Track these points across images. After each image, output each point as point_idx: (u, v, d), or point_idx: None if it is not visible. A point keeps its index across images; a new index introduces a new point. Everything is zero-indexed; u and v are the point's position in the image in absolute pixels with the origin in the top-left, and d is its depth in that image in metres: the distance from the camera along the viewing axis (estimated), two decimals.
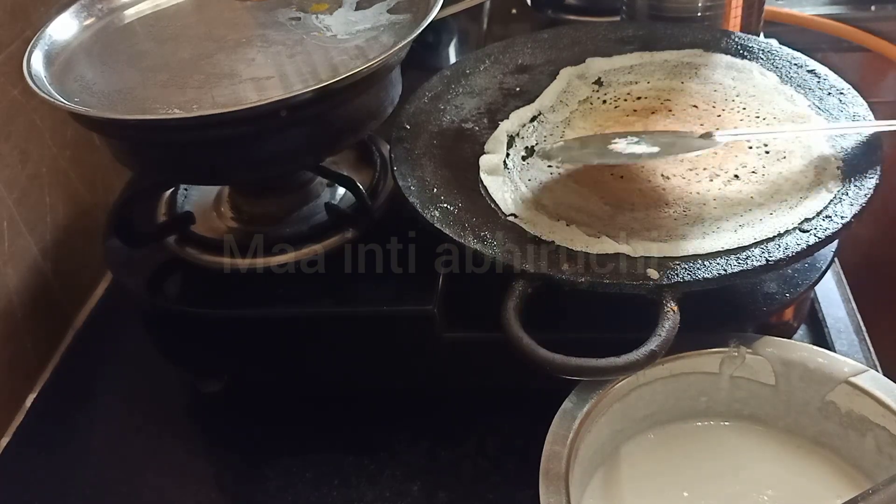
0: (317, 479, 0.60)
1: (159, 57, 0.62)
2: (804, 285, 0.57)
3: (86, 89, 0.58)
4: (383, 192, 0.65)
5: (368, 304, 0.58)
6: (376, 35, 0.61)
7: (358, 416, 0.64)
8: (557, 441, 0.48)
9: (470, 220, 0.55)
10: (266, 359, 0.63)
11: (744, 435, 0.54)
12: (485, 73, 0.70)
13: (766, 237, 0.52)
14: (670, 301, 0.49)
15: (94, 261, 0.75)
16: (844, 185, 0.54)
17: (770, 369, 0.52)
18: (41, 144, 0.74)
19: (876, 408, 0.49)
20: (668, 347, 0.47)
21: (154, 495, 0.61)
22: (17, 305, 0.71)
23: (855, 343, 0.63)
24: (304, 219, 0.64)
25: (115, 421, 0.67)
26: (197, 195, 0.68)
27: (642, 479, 0.52)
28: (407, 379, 0.62)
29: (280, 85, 0.56)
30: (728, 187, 0.57)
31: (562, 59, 0.71)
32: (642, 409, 0.53)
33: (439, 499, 0.57)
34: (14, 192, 0.71)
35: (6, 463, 0.65)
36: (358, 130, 0.60)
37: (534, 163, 0.62)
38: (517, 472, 0.58)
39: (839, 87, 0.63)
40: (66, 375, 0.72)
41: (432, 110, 0.66)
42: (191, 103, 0.55)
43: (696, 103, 0.65)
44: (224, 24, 0.65)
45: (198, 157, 0.56)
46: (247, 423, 0.65)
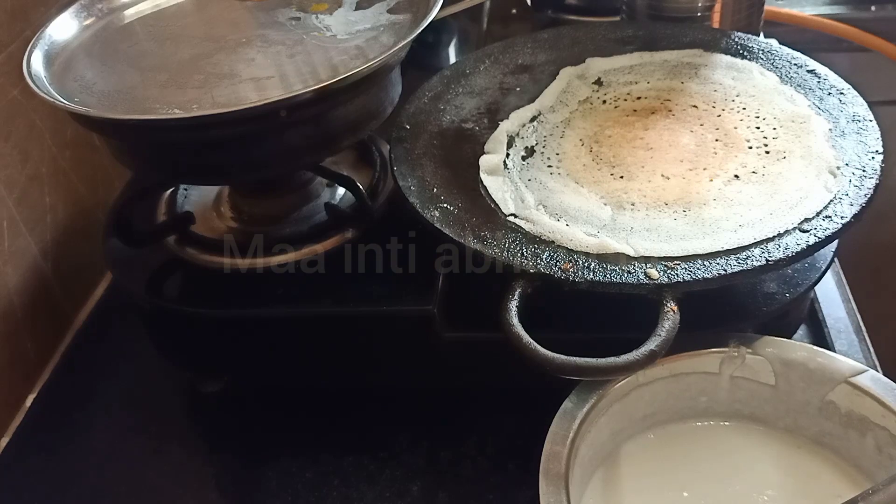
0: (317, 479, 0.60)
1: (159, 57, 0.62)
2: (804, 285, 0.57)
3: (86, 89, 0.58)
4: (383, 192, 0.65)
5: (368, 304, 0.58)
6: (376, 35, 0.61)
7: (358, 416, 0.64)
8: (557, 441, 0.48)
9: (470, 220, 0.55)
10: (266, 359, 0.63)
11: (744, 435, 0.54)
12: (485, 73, 0.70)
13: (766, 237, 0.52)
14: (670, 301, 0.49)
15: (94, 261, 0.75)
16: (844, 185, 0.54)
17: (770, 369, 0.52)
18: (41, 144, 0.74)
19: (876, 408, 0.49)
20: (668, 347, 0.47)
21: (154, 495, 0.61)
22: (17, 305, 0.71)
23: (855, 343, 0.63)
24: (304, 219, 0.64)
25: (115, 421, 0.67)
26: (197, 195, 0.68)
27: (642, 479, 0.52)
28: (407, 379, 0.62)
29: (280, 85, 0.56)
30: (728, 187, 0.57)
31: (562, 59, 0.71)
32: (642, 409, 0.53)
33: (439, 499, 0.57)
34: (14, 192, 0.71)
35: (6, 463, 0.65)
36: (358, 130, 0.60)
37: (534, 163, 0.62)
38: (517, 472, 0.58)
39: (839, 87, 0.63)
40: (66, 375, 0.72)
41: (432, 110, 0.66)
42: (191, 103, 0.55)
43: (696, 103, 0.65)
44: (224, 24, 0.65)
45: (198, 157, 0.56)
46: (247, 423, 0.65)
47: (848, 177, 0.55)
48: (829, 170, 0.56)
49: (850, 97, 0.62)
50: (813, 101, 0.62)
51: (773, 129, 0.61)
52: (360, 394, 0.65)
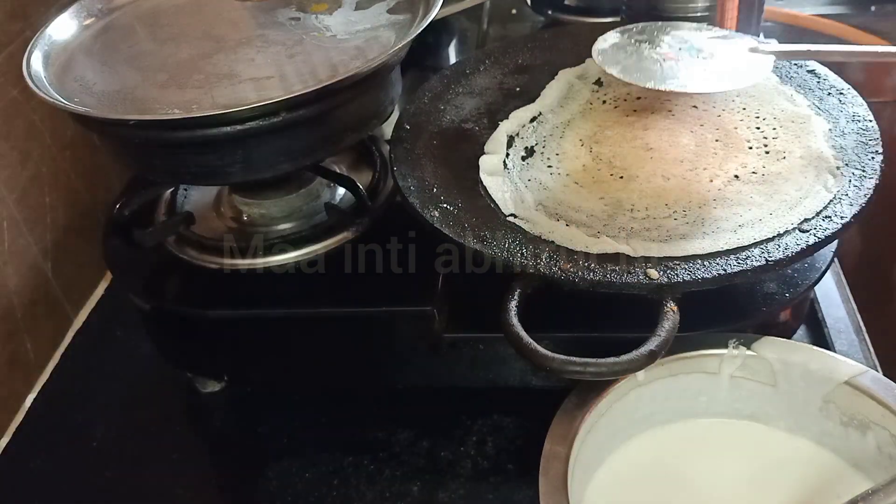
0: (317, 479, 0.60)
1: (159, 57, 0.62)
2: (804, 285, 0.57)
3: (85, 89, 0.58)
4: (383, 192, 0.65)
5: (368, 304, 0.58)
6: (376, 35, 0.61)
7: (358, 416, 0.64)
8: (557, 441, 0.48)
9: (470, 220, 0.55)
10: (266, 359, 0.63)
11: (744, 435, 0.54)
12: (485, 73, 0.70)
13: (766, 237, 0.52)
14: (670, 301, 0.49)
15: (94, 261, 0.75)
16: (844, 185, 0.54)
17: (770, 369, 0.52)
18: (41, 144, 0.74)
19: (876, 408, 0.49)
20: (668, 347, 0.47)
21: (154, 495, 0.61)
22: (17, 305, 0.71)
23: (855, 343, 0.63)
24: (304, 219, 0.64)
25: (115, 421, 0.67)
26: (197, 195, 0.68)
27: (642, 479, 0.52)
28: (407, 379, 0.62)
29: (280, 85, 0.56)
30: (728, 187, 0.57)
31: (562, 59, 0.71)
32: (642, 409, 0.53)
33: (439, 499, 0.57)
34: (14, 192, 0.71)
35: (6, 463, 0.65)
36: (358, 130, 0.60)
37: (533, 163, 0.62)
38: (517, 472, 0.58)
39: (839, 87, 0.63)
40: (66, 375, 0.72)
41: (432, 110, 0.66)
42: (191, 103, 0.55)
43: (696, 103, 0.64)
44: (224, 24, 0.65)
45: (198, 157, 0.56)
46: (247, 423, 0.65)
47: (848, 177, 0.55)
48: (829, 170, 0.56)
49: (850, 97, 0.62)
50: (813, 101, 0.62)
51: (773, 130, 0.61)
52: (360, 393, 0.65)
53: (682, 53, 0.57)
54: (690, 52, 0.57)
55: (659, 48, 0.58)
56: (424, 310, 0.57)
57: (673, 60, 0.56)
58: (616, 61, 0.57)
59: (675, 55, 0.57)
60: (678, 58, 0.57)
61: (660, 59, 0.57)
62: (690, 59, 0.57)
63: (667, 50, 0.58)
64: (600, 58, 0.57)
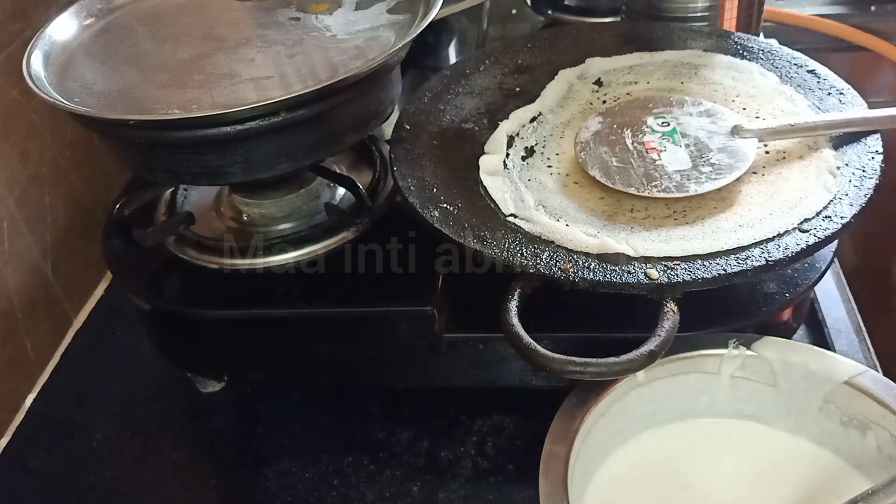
0: (317, 479, 0.60)
1: (159, 57, 0.62)
2: (804, 285, 0.57)
3: (85, 89, 0.58)
4: (383, 192, 0.65)
5: (368, 304, 0.58)
6: (376, 35, 0.61)
7: (358, 416, 0.64)
8: (557, 441, 0.48)
9: (470, 220, 0.55)
10: (266, 359, 0.63)
11: (744, 435, 0.54)
12: (485, 73, 0.70)
13: (766, 237, 0.52)
14: (670, 301, 0.49)
15: (94, 261, 0.75)
16: (844, 185, 0.54)
17: (770, 369, 0.52)
18: (41, 144, 0.74)
19: (876, 408, 0.49)
20: (667, 347, 0.47)
21: (154, 495, 0.61)
22: (17, 305, 0.71)
23: (855, 343, 0.63)
24: (304, 219, 0.64)
25: (115, 421, 0.67)
26: (197, 195, 0.68)
27: (642, 479, 0.52)
28: (407, 379, 0.62)
29: (280, 85, 0.56)
30: (728, 187, 0.57)
31: (561, 59, 0.71)
32: (642, 409, 0.53)
33: (439, 499, 0.57)
34: (14, 192, 0.71)
35: (6, 463, 0.65)
36: (358, 130, 0.60)
37: (533, 163, 0.62)
38: (517, 472, 0.58)
39: (839, 87, 0.63)
40: (66, 375, 0.72)
41: (432, 110, 0.66)
42: (191, 103, 0.55)
43: None
44: (224, 24, 0.65)
45: (198, 157, 0.56)
46: (247, 423, 0.65)
47: (848, 177, 0.55)
48: (829, 170, 0.56)
49: (850, 97, 0.62)
50: (813, 102, 0.62)
51: None
52: (360, 393, 0.65)
53: (664, 142, 0.58)
54: (674, 140, 0.58)
55: (641, 135, 0.59)
56: (424, 310, 0.57)
57: (656, 152, 0.57)
58: (597, 158, 0.58)
59: (658, 145, 0.57)
60: (661, 148, 0.57)
61: (643, 151, 0.58)
62: (674, 148, 0.57)
63: (649, 138, 0.58)
64: (583, 155, 0.58)
